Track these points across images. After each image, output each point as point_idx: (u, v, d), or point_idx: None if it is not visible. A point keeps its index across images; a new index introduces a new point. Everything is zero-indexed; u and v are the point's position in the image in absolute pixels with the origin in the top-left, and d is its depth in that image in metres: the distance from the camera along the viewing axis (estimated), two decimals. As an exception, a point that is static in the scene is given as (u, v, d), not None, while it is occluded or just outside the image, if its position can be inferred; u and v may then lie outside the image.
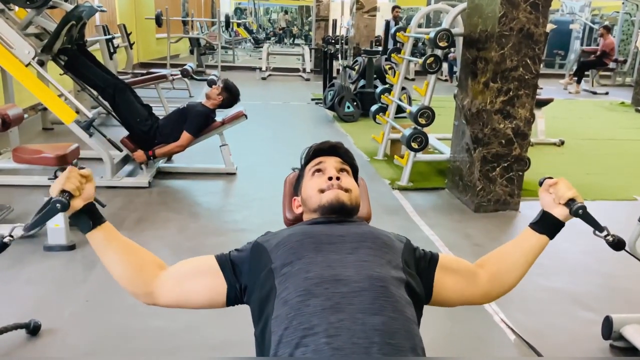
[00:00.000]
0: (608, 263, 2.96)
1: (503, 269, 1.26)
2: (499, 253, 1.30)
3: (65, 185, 1.13)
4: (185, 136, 3.92)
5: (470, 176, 3.68)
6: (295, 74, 11.68)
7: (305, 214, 1.30)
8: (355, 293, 0.96)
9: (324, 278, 0.99)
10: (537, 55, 3.43)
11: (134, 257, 1.19)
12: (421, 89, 4.11)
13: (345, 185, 1.24)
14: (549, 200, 1.25)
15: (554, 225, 1.25)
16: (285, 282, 1.01)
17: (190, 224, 3.29)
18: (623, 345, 2.10)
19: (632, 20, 13.11)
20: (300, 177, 1.36)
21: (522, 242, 1.27)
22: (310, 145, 1.42)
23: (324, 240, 1.09)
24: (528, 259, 1.25)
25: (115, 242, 1.18)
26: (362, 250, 1.08)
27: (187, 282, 1.18)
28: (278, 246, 1.10)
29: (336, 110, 6.69)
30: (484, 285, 1.25)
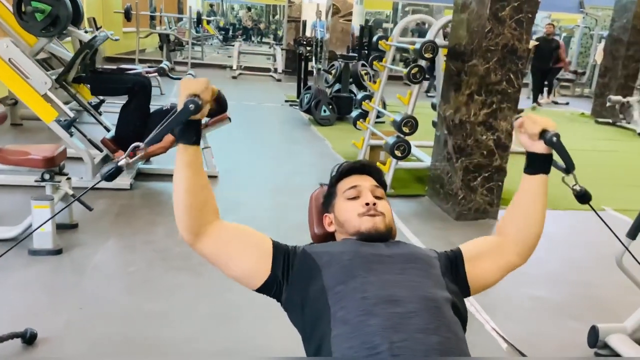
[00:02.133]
0: (586, 272, 3.10)
1: (522, 225, 1.28)
2: (511, 212, 1.31)
3: (202, 92, 1.13)
4: (170, 139, 3.86)
5: (452, 185, 3.78)
6: (266, 74, 11.64)
7: (339, 233, 1.32)
8: (412, 313, 1.00)
9: (381, 298, 1.02)
10: (520, 70, 3.56)
11: (203, 192, 1.19)
12: (405, 98, 4.19)
13: (382, 210, 1.27)
14: (526, 140, 1.26)
15: (542, 161, 1.26)
16: (341, 301, 1.03)
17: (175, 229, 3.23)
18: (607, 353, 2.22)
19: (591, 34, 13.66)
20: (332, 194, 1.37)
21: (525, 191, 1.28)
22: (341, 163, 1.44)
23: (374, 260, 1.12)
24: (538, 203, 1.27)
25: (197, 168, 1.19)
26: (410, 271, 1.12)
27: (236, 244, 1.20)
28: (329, 263, 1.12)
29: (313, 114, 6.72)
30: (514, 249, 1.27)
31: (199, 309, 2.38)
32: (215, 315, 2.34)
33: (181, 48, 11.82)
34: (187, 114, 1.11)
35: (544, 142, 1.23)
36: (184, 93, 1.12)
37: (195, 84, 1.13)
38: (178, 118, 1.12)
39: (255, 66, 12.14)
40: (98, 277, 2.59)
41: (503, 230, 1.32)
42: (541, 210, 1.28)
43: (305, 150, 5.60)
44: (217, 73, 11.25)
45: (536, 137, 1.23)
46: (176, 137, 1.17)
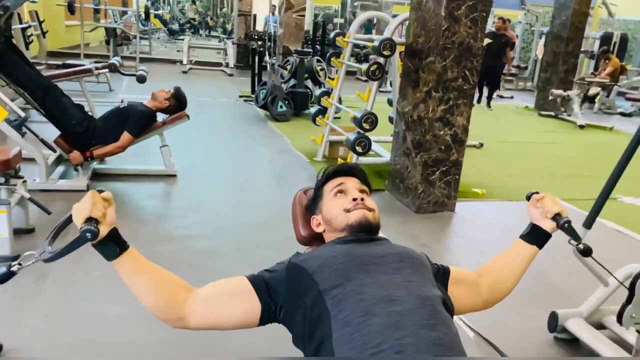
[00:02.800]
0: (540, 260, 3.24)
1: (501, 278, 1.41)
2: (495, 264, 1.45)
3: (92, 212, 1.09)
4: (126, 137, 3.78)
5: (412, 179, 3.88)
6: (217, 69, 11.48)
7: (328, 232, 1.35)
8: (410, 311, 1.04)
9: (379, 298, 1.06)
10: (475, 67, 3.68)
11: (164, 283, 1.18)
12: (364, 95, 4.25)
13: (369, 205, 1.32)
14: (537, 213, 1.41)
15: (542, 236, 1.41)
16: (340, 304, 1.06)
17: (139, 230, 3.19)
18: (565, 337, 2.36)
19: (532, 30, 14.22)
20: (318, 197, 1.40)
21: (515, 253, 1.43)
22: (326, 167, 1.47)
23: (367, 261, 1.15)
24: (522, 268, 1.42)
25: (143, 268, 1.16)
26: (404, 270, 1.16)
27: (220, 304, 1.19)
28: (322, 268, 1.14)
29: (269, 110, 6.70)
30: (485, 293, 1.40)
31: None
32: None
33: (128, 42, 11.48)
34: (83, 242, 1.08)
35: (555, 225, 1.38)
36: (76, 221, 1.09)
37: (84, 207, 1.09)
38: (73, 247, 1.09)
39: (206, 60, 11.94)
40: (61, 283, 2.51)
41: (483, 275, 1.43)
42: (520, 276, 1.43)
43: (264, 147, 5.59)
44: (166, 68, 11.00)
45: (550, 216, 1.36)
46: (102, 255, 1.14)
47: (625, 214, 4.21)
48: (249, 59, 11.87)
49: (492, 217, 4.02)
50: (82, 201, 1.12)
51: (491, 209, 4.19)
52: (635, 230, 3.83)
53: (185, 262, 2.82)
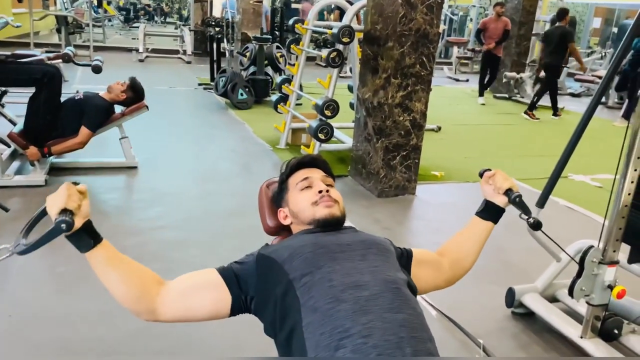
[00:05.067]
0: (497, 238, 3.38)
1: (461, 256, 1.49)
2: (455, 242, 1.52)
3: (67, 204, 1.10)
4: (85, 132, 3.70)
5: (373, 164, 3.95)
6: (174, 56, 11.27)
7: (295, 225, 1.39)
8: (376, 295, 1.09)
9: (347, 285, 1.10)
10: (431, 53, 3.77)
11: (136, 275, 1.19)
12: (325, 82, 4.29)
13: (334, 197, 1.36)
14: (490, 190, 1.49)
15: (496, 212, 1.49)
16: (310, 291, 1.10)
17: (102, 225, 3.11)
18: (522, 311, 2.49)
19: (486, 14, 14.48)
20: (284, 190, 1.43)
21: (472, 230, 1.51)
22: (289, 159, 1.50)
23: (335, 249, 1.20)
24: (479, 244, 1.50)
25: (116, 260, 1.18)
26: (370, 257, 1.21)
27: (191, 297, 1.21)
28: (292, 257, 1.18)
29: (229, 98, 6.65)
30: (447, 272, 1.47)
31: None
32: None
33: (81, 30, 11.10)
34: (57, 233, 1.08)
35: (507, 200, 1.45)
36: (51, 212, 1.10)
37: (59, 198, 1.10)
38: (47, 238, 1.09)
39: (163, 48, 11.69)
40: (25, 281, 2.47)
41: (444, 254, 1.50)
42: (478, 251, 1.50)
43: (226, 135, 5.56)
44: (122, 56, 10.73)
45: (502, 192, 1.44)
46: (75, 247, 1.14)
47: (575, 192, 4.40)
48: (206, 45, 11.69)
49: (451, 198, 4.15)
50: (57, 193, 1.12)
51: (450, 190, 4.32)
52: (584, 207, 4.02)
53: (151, 254, 2.82)
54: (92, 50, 9.76)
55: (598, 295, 2.04)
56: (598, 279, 2.03)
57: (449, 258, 1.48)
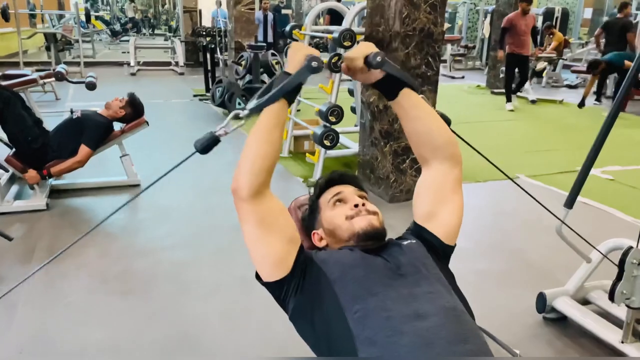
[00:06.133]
0: (517, 240, 3.31)
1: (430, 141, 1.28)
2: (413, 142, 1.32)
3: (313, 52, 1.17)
4: (85, 151, 3.58)
5: (383, 169, 3.86)
6: (166, 68, 11.16)
7: (332, 244, 1.28)
8: (439, 327, 1.00)
9: (405, 315, 1.01)
10: (437, 52, 3.68)
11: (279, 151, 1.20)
12: (327, 87, 4.19)
13: (371, 209, 1.26)
14: (361, 76, 1.27)
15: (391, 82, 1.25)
16: (364, 321, 1.00)
17: (110, 246, 3.04)
18: (554, 316, 2.39)
19: (477, 10, 14.48)
20: (315, 210, 1.33)
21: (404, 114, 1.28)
22: (318, 179, 1.41)
23: (388, 274, 1.10)
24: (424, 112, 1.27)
25: (282, 129, 1.19)
26: (422, 281, 1.11)
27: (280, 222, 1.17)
28: (343, 279, 1.09)
29: (227, 108, 6.55)
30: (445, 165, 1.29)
31: (151, 335, 2.23)
32: (170, 339, 2.20)
33: (70, 47, 10.99)
34: (310, 71, 1.13)
35: (372, 68, 1.22)
36: (300, 53, 1.16)
37: (309, 48, 1.20)
38: (301, 76, 1.14)
39: (155, 60, 11.59)
40: (32, 314, 2.35)
41: (423, 161, 1.33)
42: (431, 116, 1.28)
43: (227, 147, 5.34)
44: (113, 71, 10.61)
45: (366, 69, 1.23)
46: (282, 95, 1.16)
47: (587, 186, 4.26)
48: (198, 56, 11.63)
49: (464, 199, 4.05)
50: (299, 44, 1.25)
51: (461, 191, 4.22)
52: (600, 201, 3.94)
53: (163, 276, 2.71)
54: (82, 66, 9.68)
55: (639, 297, 1.95)
56: (637, 280, 1.94)
57: (428, 156, 1.29)
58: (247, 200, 1.13)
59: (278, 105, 1.15)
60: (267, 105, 1.12)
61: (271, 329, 2.23)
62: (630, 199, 4.08)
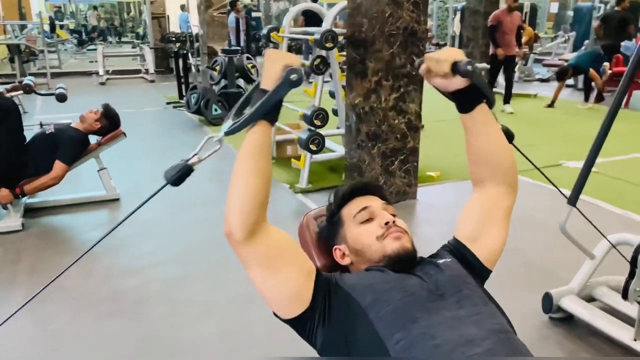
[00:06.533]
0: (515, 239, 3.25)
1: (492, 162, 1.22)
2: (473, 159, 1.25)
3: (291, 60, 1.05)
4: (60, 167, 3.40)
5: (371, 172, 3.78)
6: (136, 76, 10.90)
7: (358, 264, 1.18)
8: (490, 351, 0.92)
9: (454, 342, 0.92)
10: (421, 51, 3.62)
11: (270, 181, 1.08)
12: (310, 90, 4.10)
13: (402, 227, 1.17)
14: (441, 81, 1.17)
15: (471, 94, 1.16)
16: (409, 350, 0.91)
17: (94, 266, 2.89)
18: (560, 315, 2.34)
19: (447, 7, 14.61)
20: (337, 223, 1.23)
21: (473, 129, 1.21)
22: (338, 187, 1.30)
23: (426, 296, 1.01)
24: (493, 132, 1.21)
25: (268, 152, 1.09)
26: (464, 301, 1.03)
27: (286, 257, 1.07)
28: (377, 304, 0.99)
29: (204, 114, 6.40)
30: (501, 189, 1.22)
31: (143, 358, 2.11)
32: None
33: (35, 58, 10.64)
34: (289, 86, 1.01)
35: (460, 75, 1.12)
36: (277, 65, 1.03)
37: (279, 56, 1.06)
38: (279, 93, 1.01)
39: (124, 69, 11.31)
40: (15, 344, 2.19)
41: (478, 181, 1.25)
42: (500, 137, 1.22)
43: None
44: (81, 81, 10.31)
45: (450, 74, 1.13)
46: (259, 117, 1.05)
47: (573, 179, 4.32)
48: (168, 62, 11.41)
49: (453, 198, 4.00)
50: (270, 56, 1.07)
51: (449, 190, 4.19)
52: (590, 195, 3.92)
53: (154, 297, 2.57)
54: (49, 77, 9.39)
55: (650, 294, 1.91)
56: (649, 276, 1.90)
57: (486, 177, 1.21)
58: (244, 243, 1.04)
59: (260, 129, 1.05)
60: (243, 128, 1.02)
61: (274, 346, 2.13)
62: (617, 190, 4.10)
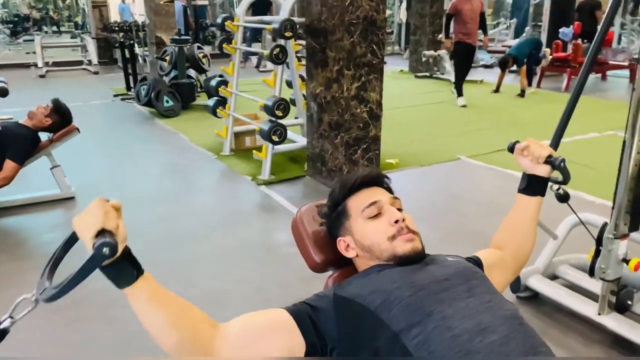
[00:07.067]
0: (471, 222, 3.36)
1: (521, 243, 1.35)
2: (509, 229, 1.37)
3: (105, 223, 0.86)
4: (11, 166, 3.22)
5: (335, 161, 3.80)
6: (78, 68, 10.44)
7: (364, 259, 1.17)
8: (506, 338, 0.93)
9: (471, 331, 0.93)
10: (381, 40, 3.65)
11: (187, 315, 0.96)
12: (270, 80, 4.06)
13: (412, 227, 1.16)
14: (527, 162, 1.34)
15: (542, 184, 1.35)
16: (427, 345, 0.92)
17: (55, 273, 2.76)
18: (527, 295, 2.44)
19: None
20: (342, 215, 1.21)
21: (523, 211, 1.36)
22: (342, 177, 1.28)
23: (436, 288, 1.01)
24: (534, 223, 1.36)
25: (162, 297, 0.93)
26: (475, 290, 1.04)
27: (257, 341, 0.99)
28: (388, 304, 0.98)
29: (155, 106, 6.21)
30: (512, 265, 1.33)
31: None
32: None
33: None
34: (101, 260, 0.85)
35: (551, 167, 1.32)
36: (85, 235, 0.87)
37: (92, 217, 0.87)
38: (90, 269, 0.86)
39: (65, 60, 10.80)
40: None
41: (502, 246, 1.35)
42: (535, 229, 1.36)
43: (162, 149, 5.16)
44: (19, 73, 9.76)
45: (542, 161, 1.31)
46: (115, 284, 0.92)
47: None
48: (112, 53, 10.99)
49: (414, 185, 4.09)
50: (88, 211, 0.88)
51: (410, 177, 4.26)
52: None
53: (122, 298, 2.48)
54: (-17, 70, 8.82)
55: (613, 269, 2.02)
56: (612, 253, 2.01)
57: (510, 250, 1.34)
58: None
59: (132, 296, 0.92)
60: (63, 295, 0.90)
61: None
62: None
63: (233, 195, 3.83)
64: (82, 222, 0.88)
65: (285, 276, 2.70)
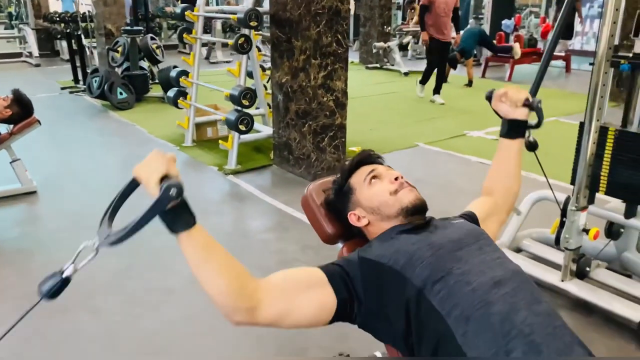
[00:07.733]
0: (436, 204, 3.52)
1: (507, 184, 1.46)
2: (495, 173, 1.48)
3: (169, 169, 0.94)
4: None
5: (303, 149, 3.87)
6: (18, 60, 9.98)
7: (376, 222, 1.26)
8: (516, 290, 1.04)
9: (487, 284, 1.03)
10: (345, 30, 3.74)
11: (235, 265, 1.02)
12: (234, 70, 4.07)
13: (410, 182, 1.28)
14: (506, 108, 1.44)
15: (520, 127, 1.45)
16: (450, 299, 1.01)
17: (29, 264, 2.71)
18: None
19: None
20: (348, 192, 1.30)
21: (506, 153, 1.46)
22: (342, 163, 1.38)
23: (453, 247, 1.12)
24: (519, 164, 1.46)
25: (214, 246, 1.00)
26: (485, 248, 1.15)
27: (296, 295, 1.06)
28: (412, 263, 1.07)
29: (109, 99, 6.06)
30: (503, 207, 1.45)
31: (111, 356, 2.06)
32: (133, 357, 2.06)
33: None
34: (168, 201, 0.90)
35: (529, 108, 1.42)
36: (150, 180, 0.93)
37: (155, 163, 0.94)
38: (156, 210, 0.91)
39: (1, 52, 10.27)
40: None
41: (491, 191, 1.47)
42: (519, 169, 1.47)
43: (121, 141, 5.06)
44: (-49, 66, 9.23)
45: (520, 104, 1.41)
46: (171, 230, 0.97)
47: (477, 147, 4.70)
48: (53, 44, 10.55)
49: (377, 171, 4.22)
50: (149, 159, 0.97)
51: (373, 164, 4.39)
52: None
53: (103, 288, 2.48)
54: None
55: (574, 239, 2.21)
56: (574, 224, 2.20)
57: (499, 193, 1.45)
58: (255, 320, 1.02)
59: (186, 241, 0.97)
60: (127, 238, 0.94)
61: (245, 322, 2.17)
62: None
63: (202, 186, 3.83)
64: (146, 169, 0.95)
65: (265, 260, 2.76)
